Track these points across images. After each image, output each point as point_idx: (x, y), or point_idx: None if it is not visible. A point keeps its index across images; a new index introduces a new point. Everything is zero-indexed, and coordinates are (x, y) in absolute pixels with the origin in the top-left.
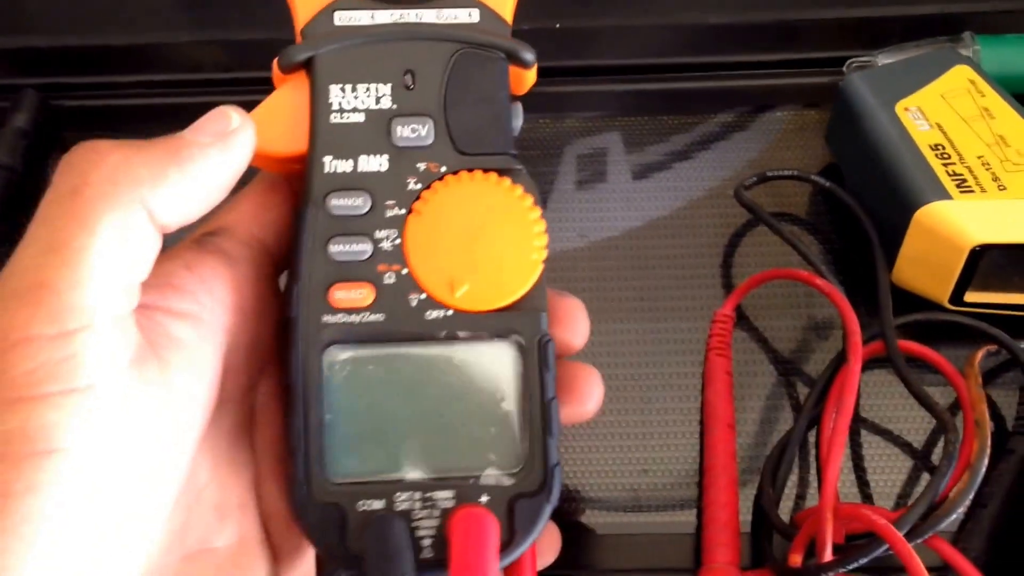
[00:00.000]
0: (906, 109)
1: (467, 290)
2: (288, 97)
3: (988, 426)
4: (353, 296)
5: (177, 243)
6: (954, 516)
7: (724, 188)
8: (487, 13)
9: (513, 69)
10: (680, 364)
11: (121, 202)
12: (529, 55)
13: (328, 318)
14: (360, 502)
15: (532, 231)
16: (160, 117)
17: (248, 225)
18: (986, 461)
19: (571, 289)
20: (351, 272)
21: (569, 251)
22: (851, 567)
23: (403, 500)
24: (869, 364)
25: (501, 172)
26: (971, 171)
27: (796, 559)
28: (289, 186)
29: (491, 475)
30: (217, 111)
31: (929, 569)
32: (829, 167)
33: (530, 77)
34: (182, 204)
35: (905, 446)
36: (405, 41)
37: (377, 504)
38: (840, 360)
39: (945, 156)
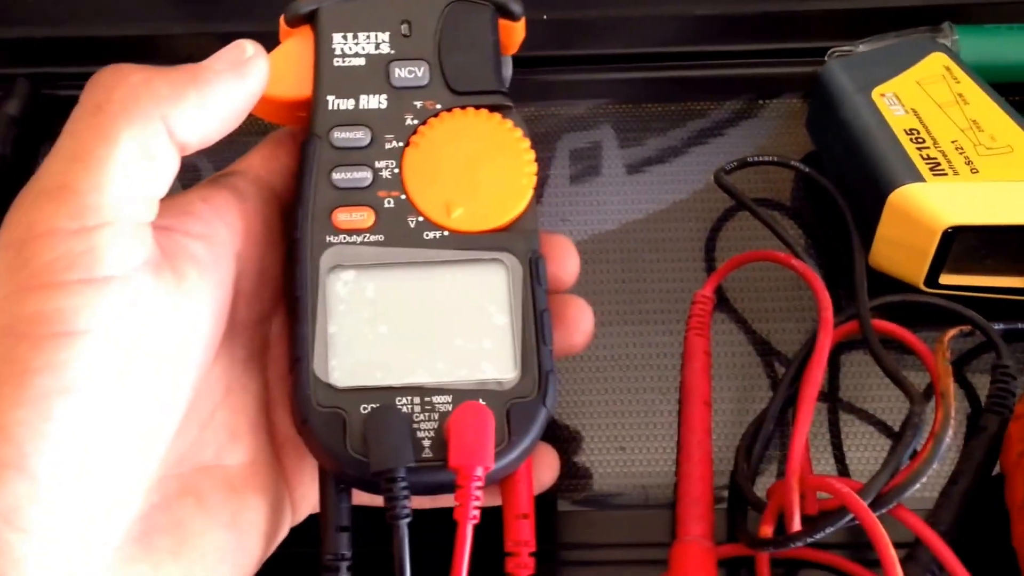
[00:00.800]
0: (882, 95)
1: (462, 212)
2: (294, 47)
3: (952, 398)
4: (355, 218)
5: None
6: (917, 485)
7: (708, 174)
8: None
9: (503, 23)
10: (660, 344)
11: (142, 117)
12: (516, 7)
13: (331, 238)
14: (361, 406)
15: (522, 159)
16: None
17: (258, 170)
18: (950, 431)
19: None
20: (353, 198)
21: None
22: (818, 536)
23: (403, 403)
24: (847, 345)
25: (492, 108)
26: (944, 155)
27: (767, 530)
28: (295, 140)
29: (487, 381)
30: (233, 44)
31: (902, 544)
32: (811, 154)
33: (519, 30)
34: (200, 123)
35: (880, 424)
36: None
37: (378, 408)
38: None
39: (919, 140)
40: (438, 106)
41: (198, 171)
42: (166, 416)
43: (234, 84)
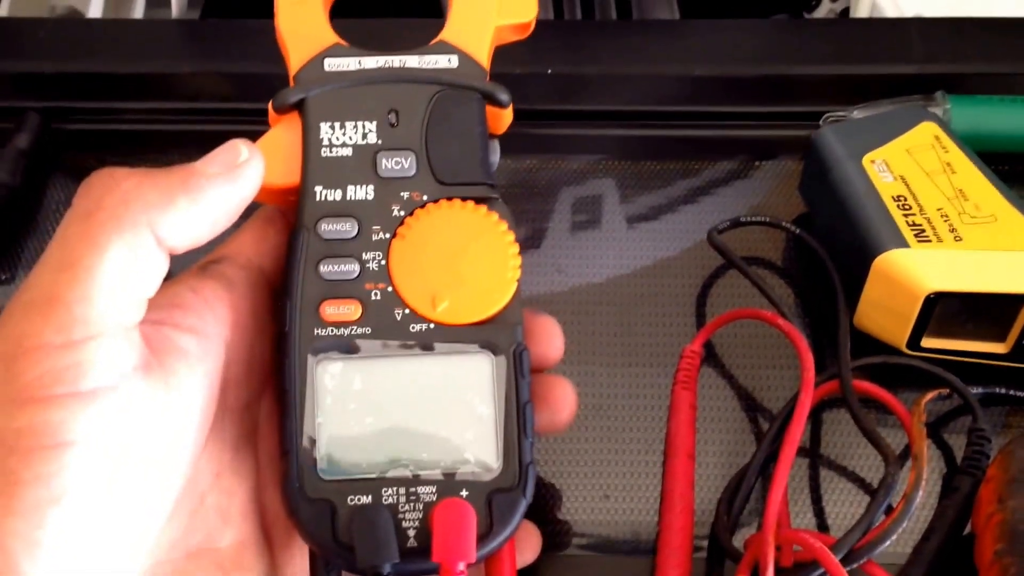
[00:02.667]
0: (872, 161)
1: (447, 305)
2: (282, 135)
3: (925, 460)
4: (342, 311)
5: (186, 268)
6: (888, 543)
7: (702, 232)
8: (465, 59)
9: (490, 109)
10: (648, 396)
11: (130, 225)
12: (504, 96)
13: (319, 331)
14: (349, 497)
15: (507, 252)
16: (158, 143)
17: (247, 253)
18: (921, 493)
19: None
20: (340, 290)
21: (547, 285)
22: None
23: (389, 495)
24: (829, 403)
25: (478, 200)
26: (930, 222)
27: None
28: (284, 218)
29: (470, 472)
30: (228, 144)
31: None
32: (804, 215)
33: (507, 116)
34: (190, 229)
35: (859, 481)
36: (389, 83)
37: (365, 499)
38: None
39: (906, 207)
40: (424, 197)
41: None
42: (156, 511)
43: (226, 189)
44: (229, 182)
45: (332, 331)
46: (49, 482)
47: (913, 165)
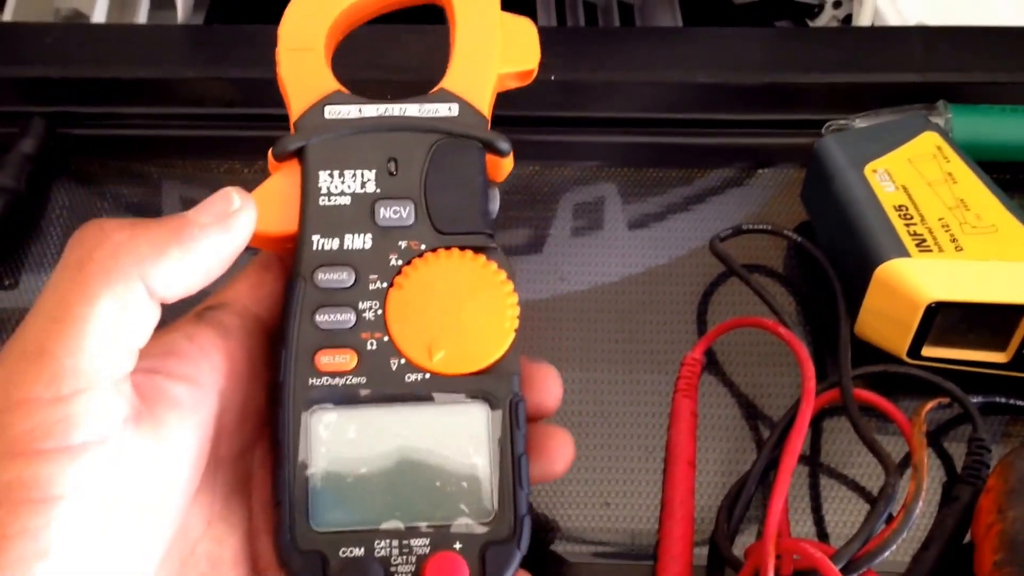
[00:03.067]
0: (874, 171)
1: (444, 355)
2: (281, 182)
3: (926, 470)
4: (337, 361)
5: (182, 314)
6: (887, 553)
7: (704, 239)
8: (465, 107)
9: (490, 157)
10: (648, 403)
11: (121, 277)
12: (504, 144)
13: (314, 380)
14: (341, 550)
15: (505, 303)
16: (163, 148)
17: (244, 300)
18: (921, 503)
19: (551, 329)
20: (336, 339)
21: (549, 292)
22: None
23: (382, 547)
24: (829, 411)
25: (476, 249)
26: (931, 232)
27: None
28: (282, 264)
29: (464, 524)
30: (221, 192)
31: None
32: (805, 224)
33: (507, 164)
34: (182, 279)
35: (859, 489)
36: (389, 132)
37: (357, 551)
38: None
39: (908, 217)
40: (422, 246)
41: None
42: (147, 561)
43: (219, 238)
44: (222, 231)
45: (327, 381)
46: (36, 536)
47: (915, 175)
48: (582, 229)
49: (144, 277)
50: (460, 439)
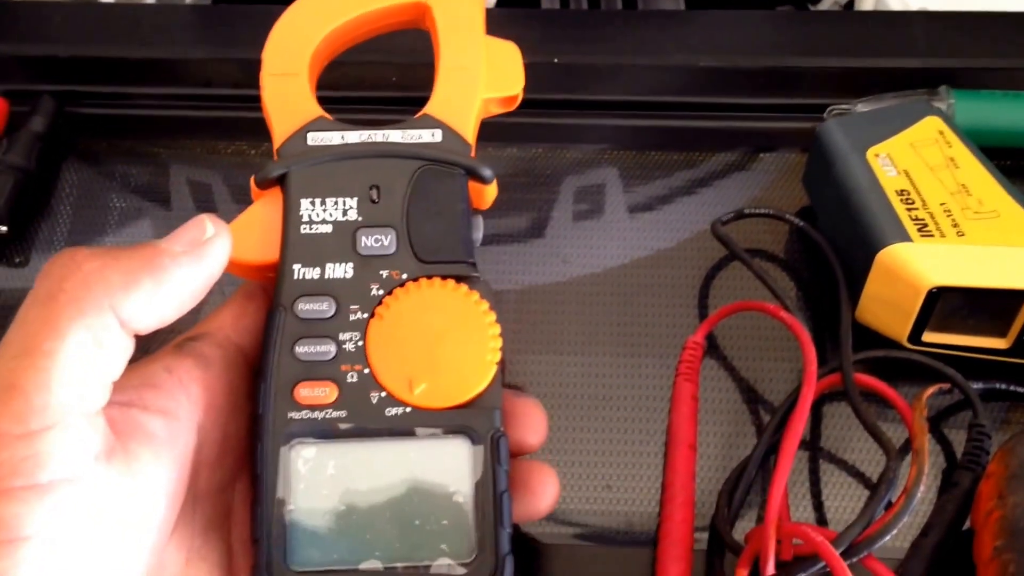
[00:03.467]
0: (876, 155)
1: (425, 389)
2: (263, 210)
3: (927, 455)
4: (317, 394)
5: (166, 343)
6: (888, 538)
7: (706, 223)
8: (449, 133)
9: (473, 185)
10: (650, 387)
11: (92, 308)
12: (487, 172)
13: (293, 414)
14: None
15: (487, 334)
16: (171, 129)
17: (226, 331)
18: (922, 487)
19: (553, 312)
20: (316, 371)
21: (551, 274)
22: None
23: None
24: (830, 396)
25: (459, 279)
26: (933, 217)
27: (742, 573)
28: (266, 294)
29: (444, 564)
30: (194, 220)
31: None
32: (807, 208)
33: (490, 192)
34: (154, 310)
35: (859, 475)
36: (372, 158)
37: None
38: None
39: (909, 201)
40: (404, 275)
41: None
42: None
43: (191, 268)
44: (194, 261)
45: (306, 414)
46: None
47: (917, 159)
48: (584, 212)
49: (115, 308)
50: (441, 476)
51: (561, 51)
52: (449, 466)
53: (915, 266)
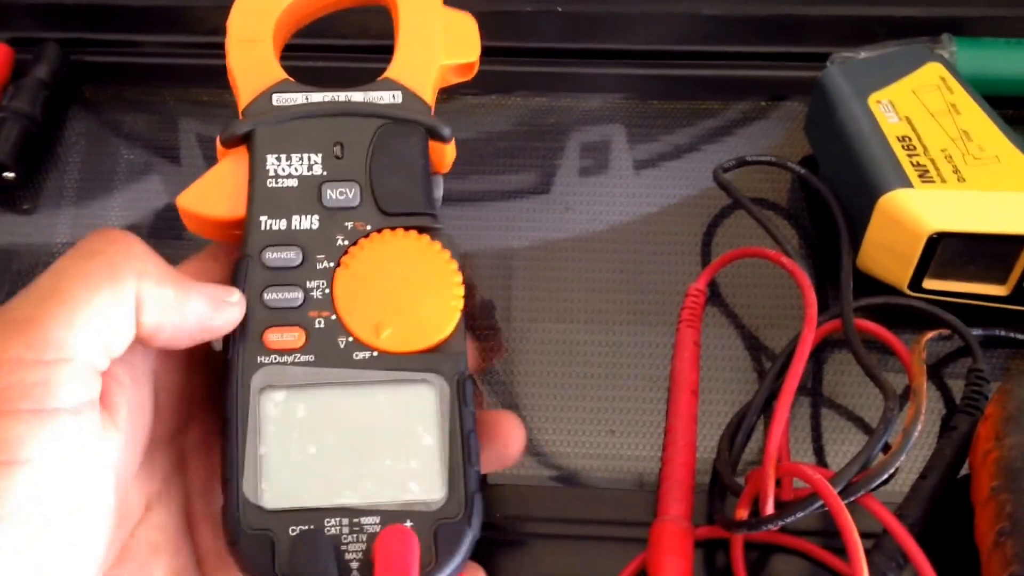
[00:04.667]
0: (878, 102)
1: (391, 334)
2: (229, 168)
3: (924, 395)
4: (286, 339)
5: None
6: (885, 476)
7: (708, 173)
8: (409, 95)
9: (434, 144)
10: (654, 334)
11: (124, 276)
12: (446, 131)
13: (263, 358)
14: (291, 528)
15: (451, 281)
16: (176, 76)
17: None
18: (919, 427)
19: (556, 260)
20: (284, 318)
21: (555, 224)
22: (789, 520)
23: (331, 525)
24: (831, 342)
25: (421, 230)
26: (934, 162)
27: (742, 513)
28: (228, 255)
29: (414, 502)
30: (226, 288)
31: (871, 535)
32: (809, 157)
33: (450, 152)
34: (163, 316)
35: (859, 419)
36: (335, 117)
37: (306, 530)
38: None
39: (911, 147)
40: (368, 227)
41: None
42: (93, 543)
43: (205, 310)
44: (211, 308)
45: (275, 359)
46: None
47: (918, 106)
48: (587, 160)
49: (140, 291)
50: (409, 417)
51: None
52: (416, 408)
53: (915, 212)
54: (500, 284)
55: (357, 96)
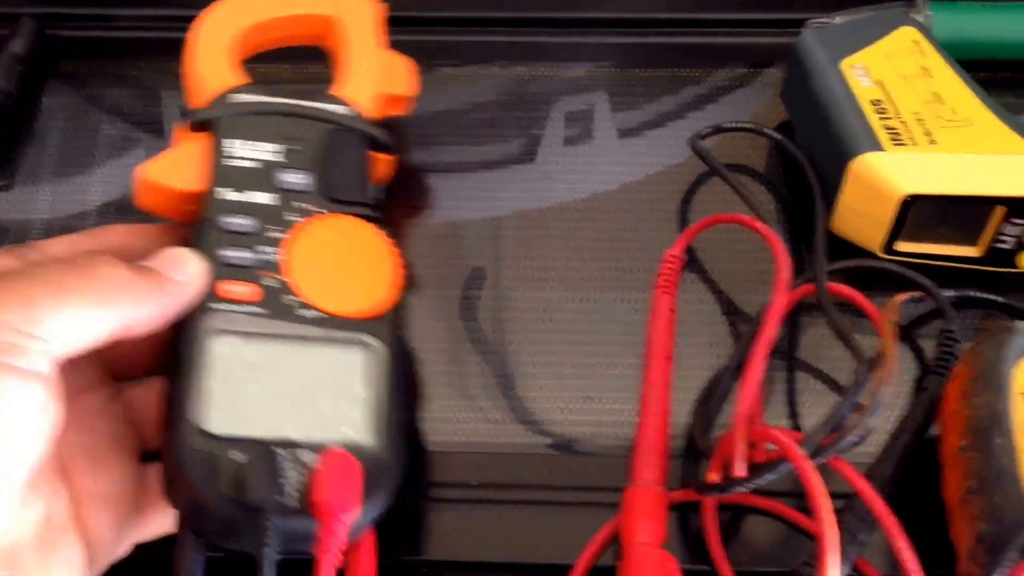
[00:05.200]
0: (851, 66)
1: (335, 298)
2: (193, 146)
3: (895, 356)
4: (238, 291)
5: None
6: (855, 438)
7: (685, 140)
8: (353, 111)
9: (377, 156)
10: (633, 301)
11: (114, 304)
12: (387, 142)
13: (216, 306)
14: (234, 453)
15: (391, 257)
16: (154, 49)
17: (120, 238)
18: (889, 387)
19: (536, 228)
20: (238, 273)
21: (535, 192)
22: (759, 482)
23: (273, 454)
24: (806, 308)
25: (363, 217)
26: (905, 125)
27: (713, 476)
28: (176, 233)
29: (348, 443)
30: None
31: (842, 495)
32: (787, 123)
33: (390, 164)
34: (135, 331)
35: (835, 384)
36: (291, 117)
37: (251, 455)
38: None
39: (883, 111)
40: (317, 209)
41: None
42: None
43: (173, 300)
44: (177, 296)
45: (229, 307)
46: None
47: (891, 69)
48: (568, 130)
49: (123, 318)
50: (346, 371)
51: None
52: (353, 364)
53: (887, 175)
54: (487, 252)
55: (310, 103)
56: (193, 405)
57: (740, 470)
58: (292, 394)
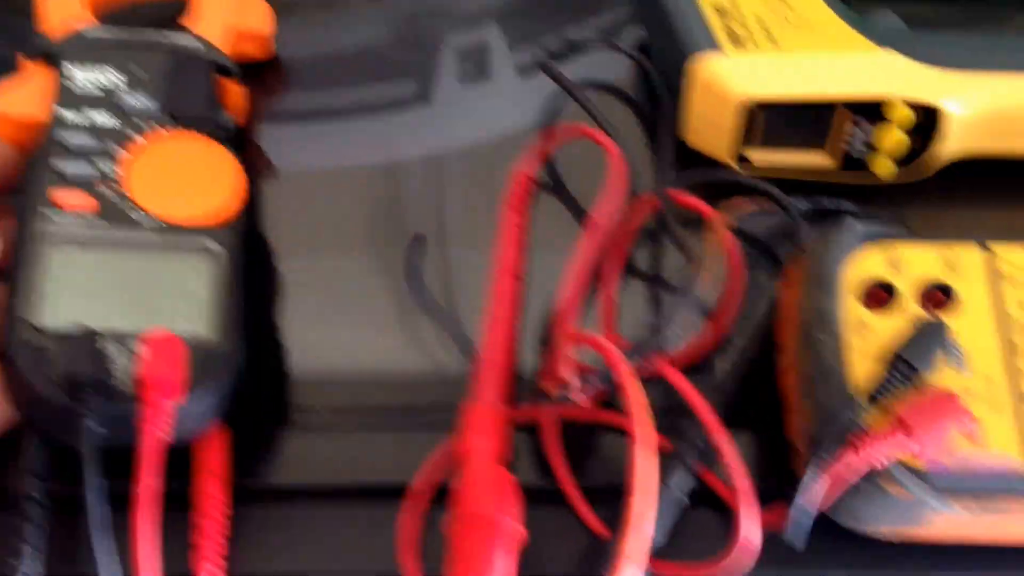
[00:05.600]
0: None
1: (175, 208)
2: (35, 75)
3: (723, 259)
4: (75, 200)
5: None
6: (680, 341)
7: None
8: (203, 39)
9: (227, 84)
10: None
11: None
12: (234, 67)
13: (55, 217)
14: (65, 345)
15: (233, 169)
16: None
17: None
18: (713, 290)
19: (399, 157)
20: (74, 183)
21: (394, 126)
22: (583, 389)
23: (104, 344)
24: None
25: (212, 137)
26: (746, 27)
27: (547, 385)
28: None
29: (180, 331)
30: None
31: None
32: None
33: (240, 93)
34: None
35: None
36: (137, 46)
37: (81, 345)
38: None
39: (725, 14)
40: (160, 128)
41: None
42: None
43: None
44: None
45: (67, 218)
46: None
47: None
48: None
49: None
50: (186, 274)
51: None
52: (194, 267)
53: (727, 78)
54: (387, 197)
55: (157, 35)
56: (23, 303)
57: (564, 373)
58: (128, 294)
